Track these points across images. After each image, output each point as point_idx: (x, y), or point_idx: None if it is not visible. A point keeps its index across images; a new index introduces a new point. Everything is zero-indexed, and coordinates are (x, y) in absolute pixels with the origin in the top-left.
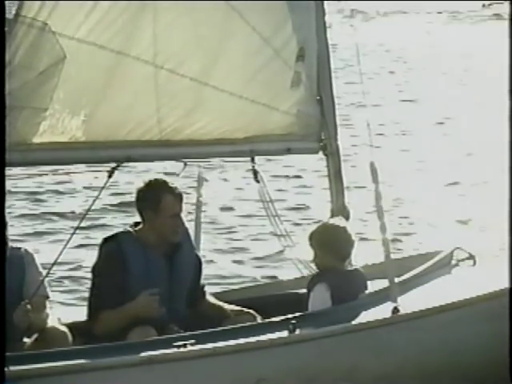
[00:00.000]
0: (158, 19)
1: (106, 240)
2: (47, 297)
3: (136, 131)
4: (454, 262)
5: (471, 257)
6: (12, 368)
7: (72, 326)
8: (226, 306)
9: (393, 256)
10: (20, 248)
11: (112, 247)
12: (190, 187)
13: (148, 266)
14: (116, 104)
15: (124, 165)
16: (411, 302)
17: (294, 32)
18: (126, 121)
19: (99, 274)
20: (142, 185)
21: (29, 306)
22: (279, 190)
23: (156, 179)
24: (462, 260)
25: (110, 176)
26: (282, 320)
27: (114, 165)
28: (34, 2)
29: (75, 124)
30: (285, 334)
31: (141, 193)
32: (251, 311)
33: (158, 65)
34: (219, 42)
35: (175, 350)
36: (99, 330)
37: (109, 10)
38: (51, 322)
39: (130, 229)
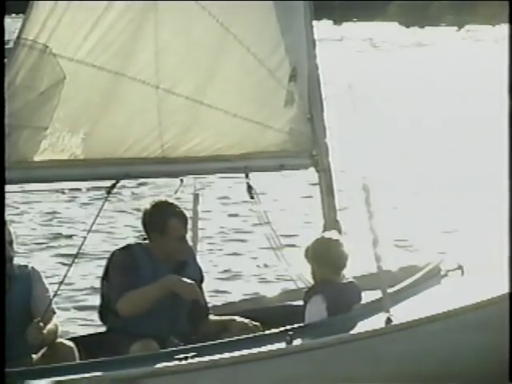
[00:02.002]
0: (155, 40)
1: (120, 249)
2: (54, 312)
3: (134, 149)
4: (442, 272)
5: (459, 267)
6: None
7: (78, 341)
8: (228, 318)
9: (385, 267)
10: (27, 265)
11: (125, 255)
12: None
13: (156, 276)
14: (114, 122)
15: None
16: (403, 313)
17: (287, 53)
18: (124, 139)
19: (114, 276)
20: (148, 206)
21: (41, 324)
22: None
23: (162, 201)
24: (451, 270)
25: (108, 193)
26: (280, 332)
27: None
28: (35, 25)
29: (75, 142)
30: (282, 345)
31: (147, 214)
32: (253, 322)
33: (154, 84)
34: (214, 62)
35: (177, 362)
36: (127, 304)
37: (106, 32)
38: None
39: (141, 242)
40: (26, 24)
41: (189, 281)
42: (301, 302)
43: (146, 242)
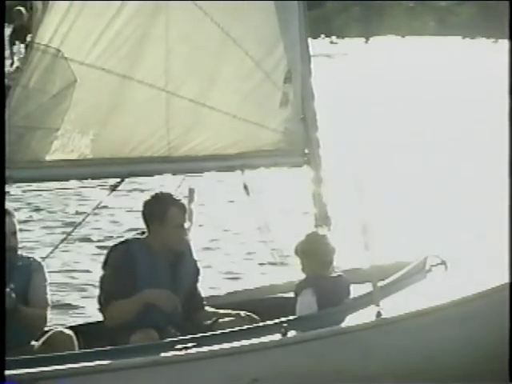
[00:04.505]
0: (160, 46)
1: (116, 245)
2: (47, 303)
3: (139, 148)
4: (427, 267)
5: (443, 262)
6: (17, 371)
7: (77, 330)
8: (223, 312)
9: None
10: (29, 256)
11: (122, 250)
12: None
13: (153, 270)
14: (121, 124)
15: None
16: (392, 307)
17: (283, 55)
18: (130, 139)
19: (111, 275)
20: (149, 197)
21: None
22: None
23: (162, 192)
24: (435, 266)
25: (113, 190)
26: (275, 323)
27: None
28: (48, 30)
29: (84, 143)
30: (277, 336)
31: (148, 205)
32: (247, 313)
33: (160, 87)
34: (215, 67)
35: (177, 352)
36: (111, 318)
37: (115, 37)
38: (50, 326)
39: (139, 236)
40: (40, 29)
41: (165, 291)
42: (291, 294)
43: (144, 236)
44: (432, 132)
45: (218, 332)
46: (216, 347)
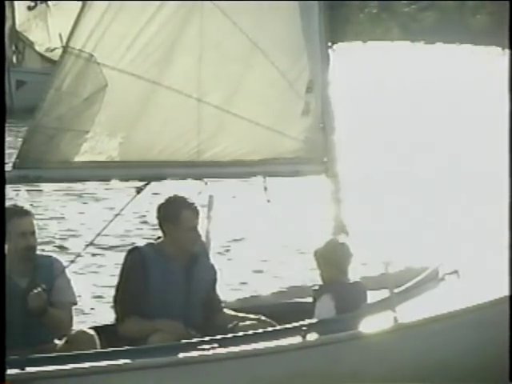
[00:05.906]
0: (189, 53)
1: (130, 251)
2: (74, 303)
3: (165, 152)
4: (440, 276)
5: (455, 271)
6: (39, 369)
7: (100, 330)
8: (242, 316)
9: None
10: (50, 256)
11: (136, 257)
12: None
13: (167, 275)
14: (149, 128)
15: None
16: (407, 313)
17: (306, 65)
18: (157, 143)
19: (124, 281)
20: (163, 201)
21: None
22: None
23: (176, 195)
24: (448, 274)
25: (138, 192)
26: (295, 327)
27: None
28: (82, 35)
29: (112, 145)
30: (298, 339)
31: (162, 208)
32: (266, 319)
33: (187, 94)
34: (242, 75)
35: (200, 352)
36: (124, 333)
37: (147, 44)
38: (76, 326)
39: (153, 242)
40: (74, 33)
41: (178, 324)
42: (307, 300)
43: (159, 240)
44: (425, 136)
45: (239, 334)
46: (236, 349)
